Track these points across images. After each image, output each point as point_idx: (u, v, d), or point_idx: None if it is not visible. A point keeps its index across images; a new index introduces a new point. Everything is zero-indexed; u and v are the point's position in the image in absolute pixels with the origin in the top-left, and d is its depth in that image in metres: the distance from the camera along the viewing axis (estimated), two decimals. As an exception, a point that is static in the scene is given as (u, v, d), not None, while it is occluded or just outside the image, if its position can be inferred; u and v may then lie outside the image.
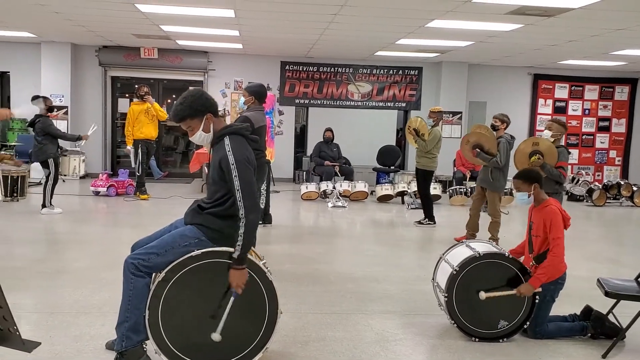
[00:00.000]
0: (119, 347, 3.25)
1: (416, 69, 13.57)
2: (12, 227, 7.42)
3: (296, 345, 3.88)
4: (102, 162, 12.93)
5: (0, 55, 12.56)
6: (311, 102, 13.54)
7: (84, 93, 12.84)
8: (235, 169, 3.15)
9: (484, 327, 4.06)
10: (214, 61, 13.03)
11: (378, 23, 8.64)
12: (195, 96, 3.30)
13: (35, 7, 8.28)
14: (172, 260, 3.21)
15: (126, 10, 8.16)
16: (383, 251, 6.98)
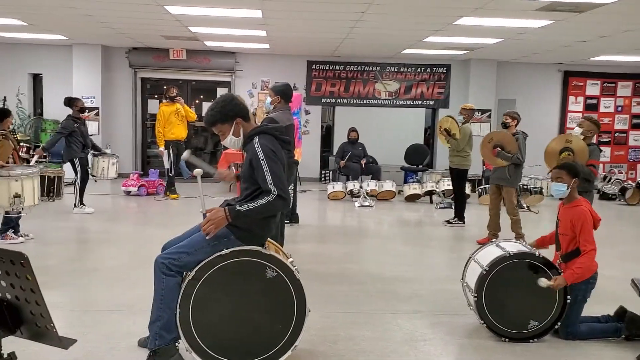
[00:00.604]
0: (152, 345, 3.30)
1: (444, 67, 13.46)
2: (46, 226, 7.58)
3: (325, 344, 3.89)
4: (133, 162, 13.14)
5: (34, 57, 12.83)
6: (338, 102, 13.53)
7: (115, 94, 13.04)
8: (265, 164, 3.23)
9: (514, 327, 4.01)
10: (241, 62, 13.11)
11: (405, 21, 8.60)
12: (225, 101, 3.40)
13: (67, 10, 8.44)
14: (202, 259, 3.25)
15: (155, 12, 8.26)
16: (411, 251, 6.95)
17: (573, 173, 4.16)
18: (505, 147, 6.99)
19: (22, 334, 2.18)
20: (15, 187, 5.23)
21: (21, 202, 5.29)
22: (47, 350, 3.34)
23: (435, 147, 13.88)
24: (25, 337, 2.19)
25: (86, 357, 3.54)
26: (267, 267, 3.28)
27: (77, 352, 3.47)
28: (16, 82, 12.72)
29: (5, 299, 2.11)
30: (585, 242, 3.96)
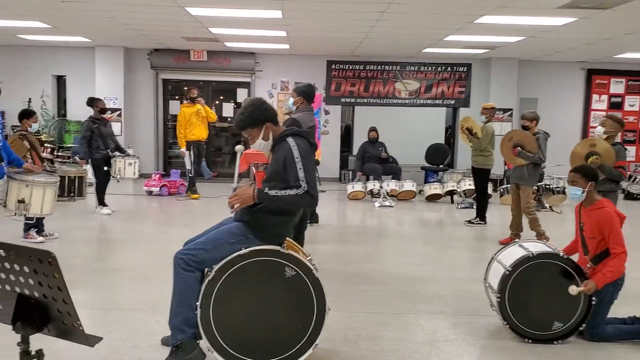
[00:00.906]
0: (174, 341, 3.34)
1: (465, 66, 13.37)
2: (70, 226, 7.68)
3: (346, 344, 3.89)
4: (155, 162, 13.26)
5: (57, 59, 13.02)
6: (357, 101, 13.52)
7: (137, 95, 13.18)
8: (300, 162, 3.28)
9: (538, 328, 3.97)
10: (261, 62, 13.15)
11: (426, 20, 8.56)
12: (255, 106, 3.45)
13: (90, 13, 8.55)
14: (220, 257, 3.28)
15: (177, 13, 8.33)
16: (432, 251, 6.91)
17: (588, 176, 4.09)
18: (526, 146, 6.92)
19: (50, 332, 2.21)
20: (24, 192, 5.26)
21: (26, 209, 5.30)
22: (73, 348, 3.39)
23: (456, 146, 13.80)
24: (53, 334, 2.22)
25: (110, 354, 3.59)
26: (286, 266, 3.29)
27: (102, 349, 3.52)
28: (41, 83, 12.92)
29: (33, 297, 2.14)
30: (615, 245, 3.90)
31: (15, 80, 12.67)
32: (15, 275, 2.12)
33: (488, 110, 8.27)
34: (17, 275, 2.11)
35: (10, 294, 2.18)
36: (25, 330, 2.19)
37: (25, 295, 2.15)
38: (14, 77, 12.70)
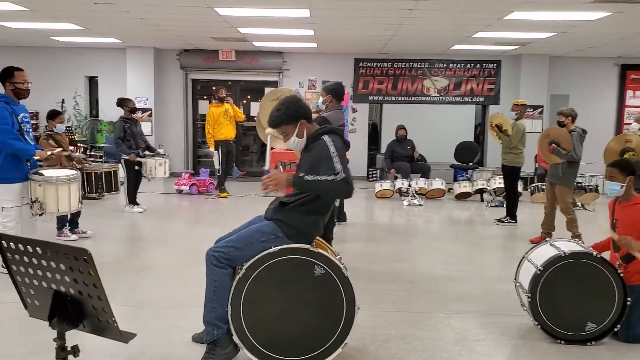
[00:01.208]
0: (210, 337, 3.38)
1: (494, 62, 13.21)
2: (102, 224, 7.82)
3: (375, 343, 3.89)
4: (185, 161, 13.42)
5: (90, 61, 13.26)
6: (385, 99, 13.46)
7: (167, 96, 13.34)
8: (337, 156, 3.29)
9: (570, 329, 3.91)
10: (289, 61, 13.19)
11: (455, 17, 8.48)
12: (291, 103, 3.47)
13: (122, 14, 8.68)
14: (250, 255, 3.31)
15: (206, 14, 8.40)
16: (462, 250, 6.86)
17: (627, 170, 4.02)
18: (562, 144, 6.81)
19: (85, 328, 2.26)
20: (38, 192, 5.34)
21: (41, 209, 5.36)
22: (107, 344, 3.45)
23: (486, 144, 13.65)
24: (88, 330, 2.26)
25: (143, 350, 3.64)
26: (315, 264, 3.30)
27: (135, 346, 3.57)
28: (73, 84, 13.16)
29: (69, 293, 2.18)
30: None
31: (49, 81, 12.93)
32: (52, 273, 2.17)
33: (519, 107, 8.16)
34: (54, 273, 2.16)
35: (47, 291, 2.23)
36: (61, 326, 2.24)
37: (61, 292, 2.20)
38: (48, 78, 12.96)
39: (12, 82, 5.17)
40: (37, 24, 9.83)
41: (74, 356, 2.28)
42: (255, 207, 9.29)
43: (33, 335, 3.78)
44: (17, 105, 5.25)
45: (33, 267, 2.20)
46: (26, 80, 5.24)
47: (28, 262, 2.20)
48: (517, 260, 4.42)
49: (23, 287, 2.32)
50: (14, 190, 5.16)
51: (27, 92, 5.28)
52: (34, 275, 2.23)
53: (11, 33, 10.82)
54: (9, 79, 5.17)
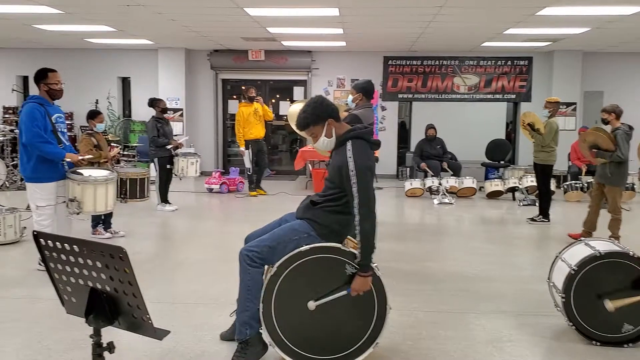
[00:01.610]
0: (242, 336, 3.40)
1: (526, 59, 13.02)
2: (135, 223, 7.94)
3: (406, 342, 3.87)
4: (215, 160, 13.56)
5: (123, 62, 13.48)
6: (415, 97, 13.37)
7: (197, 96, 13.49)
8: (355, 176, 3.24)
9: (606, 330, 3.83)
10: (317, 60, 13.21)
11: (485, 13, 8.38)
12: (317, 103, 3.45)
13: (154, 16, 8.81)
14: (283, 253, 3.32)
15: (236, 14, 8.47)
16: (494, 249, 6.77)
17: None
18: (601, 145, 6.66)
19: (120, 325, 2.30)
20: (76, 191, 5.44)
21: (79, 207, 5.46)
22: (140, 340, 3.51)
23: (518, 142, 13.46)
24: (123, 327, 2.31)
25: (175, 347, 3.69)
26: (346, 263, 3.29)
27: (168, 342, 3.63)
28: (107, 85, 13.40)
29: (104, 290, 2.23)
30: None
31: (83, 82, 13.19)
32: (88, 270, 2.21)
33: (552, 105, 8.02)
34: (90, 270, 2.21)
35: (84, 288, 2.28)
36: (98, 323, 2.28)
37: (97, 289, 2.25)
38: (82, 79, 13.21)
39: (46, 83, 5.28)
40: (72, 27, 10.03)
41: (109, 352, 2.33)
42: (285, 205, 9.36)
43: (70, 332, 3.87)
44: (51, 106, 5.34)
45: (70, 264, 2.25)
46: (59, 81, 5.34)
47: (65, 259, 2.25)
48: (551, 259, 4.35)
49: (60, 285, 2.38)
50: (47, 189, 5.27)
51: (60, 93, 5.38)
52: (71, 272, 2.28)
53: (47, 35, 11.06)
54: (43, 80, 5.28)
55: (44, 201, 5.26)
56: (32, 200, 5.31)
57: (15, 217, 6.64)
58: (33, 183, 5.26)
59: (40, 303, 4.58)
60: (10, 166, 10.94)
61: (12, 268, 5.73)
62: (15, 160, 11.17)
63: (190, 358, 3.57)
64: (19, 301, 4.65)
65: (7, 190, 10.47)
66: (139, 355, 3.57)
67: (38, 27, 10.04)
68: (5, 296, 4.76)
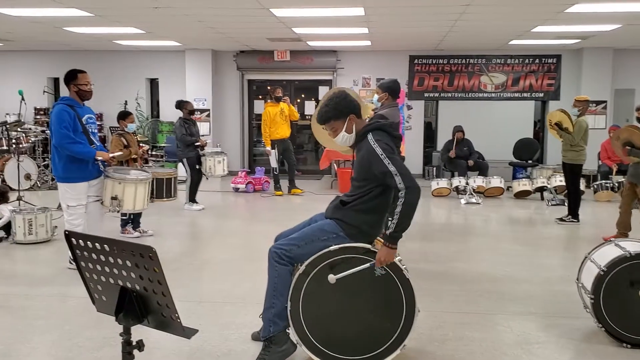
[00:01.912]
0: (267, 333, 3.42)
1: (554, 57, 12.83)
2: (162, 222, 8.04)
3: (433, 343, 3.85)
4: (241, 160, 13.65)
5: (151, 63, 13.66)
6: (441, 96, 13.29)
7: (224, 96, 13.60)
8: (386, 157, 3.23)
9: (637, 332, 3.76)
10: (343, 60, 13.20)
11: (513, 11, 8.28)
12: (339, 98, 3.44)
13: (181, 18, 8.90)
14: (311, 253, 3.32)
15: (262, 15, 8.51)
16: (522, 250, 6.70)
17: None
18: (636, 143, 6.53)
19: (149, 323, 2.33)
20: (117, 190, 5.54)
21: (119, 206, 5.57)
22: (168, 339, 3.55)
23: (546, 141, 13.28)
24: (152, 326, 2.34)
25: (203, 346, 3.73)
26: (375, 264, 3.29)
27: (195, 341, 3.67)
28: (135, 86, 13.60)
29: (134, 289, 2.26)
30: None
31: (112, 83, 13.40)
32: (118, 269, 2.25)
33: (581, 103, 7.90)
34: (120, 269, 2.24)
35: (114, 287, 2.32)
36: (127, 321, 2.32)
37: (127, 287, 2.28)
38: (111, 80, 13.42)
39: (76, 84, 5.36)
40: (102, 29, 10.19)
41: (138, 350, 2.36)
42: (309, 204, 9.40)
43: (100, 330, 3.94)
44: (81, 107, 5.42)
45: (101, 263, 2.29)
46: (89, 82, 5.42)
47: (96, 258, 2.29)
48: (579, 260, 4.29)
49: (91, 283, 2.42)
50: (78, 189, 5.36)
51: (89, 94, 5.46)
52: (101, 271, 2.32)
53: (77, 38, 11.26)
54: (73, 81, 5.37)
55: (74, 201, 5.35)
56: (63, 200, 5.42)
57: (46, 217, 6.78)
58: (64, 183, 5.36)
59: (71, 301, 4.67)
60: (41, 166, 11.17)
61: (43, 266, 5.85)
62: (47, 161, 11.41)
63: (217, 357, 3.61)
64: (50, 299, 4.74)
65: (38, 190, 10.69)
66: (167, 353, 3.62)
67: (68, 29, 10.22)
68: (37, 294, 4.86)
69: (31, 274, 5.59)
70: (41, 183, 10.98)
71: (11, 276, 5.52)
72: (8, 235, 6.77)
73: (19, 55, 13.78)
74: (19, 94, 9.64)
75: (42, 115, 13.18)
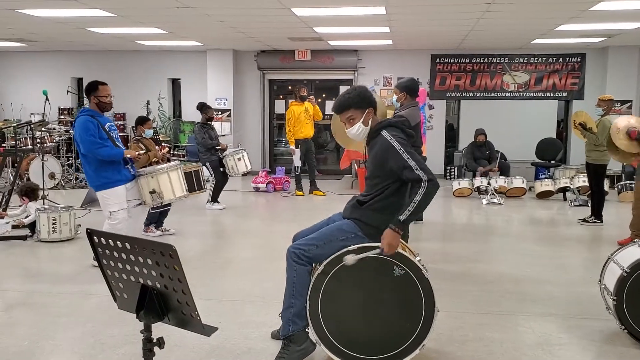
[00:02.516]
0: (286, 332, 3.44)
1: (578, 56, 12.66)
2: (184, 221, 8.11)
3: (453, 344, 3.83)
4: (261, 160, 13.70)
5: (173, 63, 13.78)
6: (463, 95, 13.19)
7: (245, 96, 13.67)
8: (405, 152, 3.26)
9: (662, 335, 3.70)
10: (364, 59, 13.18)
11: (536, 10, 8.19)
12: (362, 89, 3.50)
13: (203, 18, 8.97)
14: (329, 253, 3.33)
15: (283, 15, 8.54)
16: (544, 251, 6.62)
17: None
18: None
19: (169, 321, 2.36)
20: (152, 184, 5.62)
21: (160, 197, 5.65)
22: (188, 336, 3.59)
23: (569, 141, 13.11)
24: (172, 323, 2.36)
25: (223, 344, 3.76)
26: (394, 264, 3.28)
27: (215, 339, 3.70)
28: (157, 86, 13.73)
29: (155, 287, 2.29)
30: None
31: (135, 83, 13.56)
32: (139, 267, 2.28)
33: (605, 103, 7.78)
34: (141, 267, 2.28)
35: (135, 285, 2.35)
36: (148, 318, 2.35)
37: (148, 285, 2.31)
38: (133, 81, 13.59)
39: (97, 95, 5.46)
40: (125, 29, 10.31)
41: (159, 348, 2.39)
42: (330, 204, 9.40)
43: (122, 327, 4.00)
44: (101, 117, 5.54)
45: (122, 261, 2.33)
46: (109, 94, 5.52)
47: (117, 256, 2.33)
48: (602, 262, 4.23)
49: (113, 281, 2.46)
50: (117, 193, 5.43)
51: (109, 105, 5.57)
52: (123, 269, 2.35)
53: (100, 38, 11.41)
54: (94, 92, 5.46)
55: (116, 205, 5.42)
56: (104, 207, 5.48)
57: (70, 215, 6.88)
58: (102, 190, 5.42)
59: (93, 299, 4.74)
60: (65, 165, 11.34)
61: (67, 264, 5.94)
62: (71, 160, 11.59)
63: (237, 355, 3.63)
64: (73, 296, 4.82)
65: (62, 189, 10.85)
66: (187, 351, 3.65)
67: (92, 30, 10.36)
68: (60, 292, 4.94)
69: (55, 271, 5.69)
70: (65, 182, 11.15)
71: (35, 274, 5.62)
72: (33, 234, 6.90)
73: (42, 56, 14.00)
74: (43, 94, 9.81)
75: (65, 115, 13.39)
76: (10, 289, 5.10)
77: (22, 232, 6.96)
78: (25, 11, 8.44)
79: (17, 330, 4.04)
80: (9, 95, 14.21)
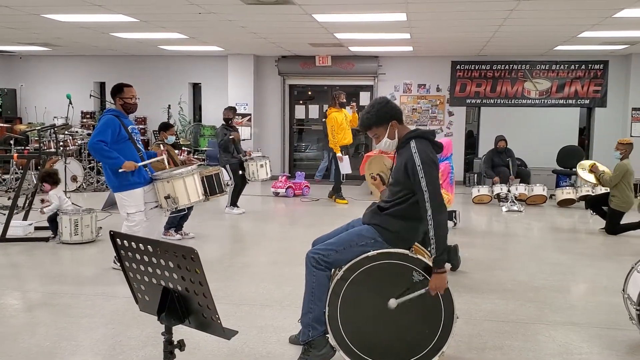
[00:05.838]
0: (305, 338, 3.45)
1: (601, 63, 12.52)
2: (204, 225, 8.16)
3: (472, 351, 3.81)
4: (281, 165, 13.75)
5: (194, 68, 13.90)
6: (483, 102, 13.12)
7: (266, 101, 13.74)
8: (422, 170, 3.24)
9: (687, 347, 3.65)
10: (384, 65, 13.17)
11: (558, 16, 8.13)
12: (381, 104, 3.48)
13: (224, 23, 9.05)
14: (349, 258, 3.34)
15: (304, 20, 8.58)
16: (565, 259, 6.55)
17: None
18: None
19: (190, 324, 2.38)
20: (167, 189, 5.65)
21: (175, 202, 5.67)
22: (209, 340, 3.62)
23: (591, 149, 12.95)
24: (193, 326, 2.39)
25: (242, 347, 3.78)
26: (413, 270, 3.27)
27: (234, 343, 3.71)
28: (178, 91, 13.85)
29: (176, 290, 2.32)
30: None
31: (156, 88, 13.69)
32: (161, 270, 2.31)
33: (624, 146, 7.73)
34: (163, 270, 2.30)
35: (156, 287, 2.38)
36: (169, 321, 2.37)
37: (169, 288, 2.34)
38: (155, 85, 13.72)
39: (122, 97, 5.56)
40: (147, 34, 10.43)
41: (179, 350, 2.41)
42: (350, 210, 9.40)
43: (143, 329, 4.04)
44: (126, 118, 5.63)
45: (144, 264, 2.35)
46: (134, 96, 5.62)
47: (140, 259, 2.36)
48: (624, 271, 4.19)
49: (135, 283, 2.49)
50: (135, 195, 5.50)
51: (134, 107, 5.67)
52: (145, 272, 2.38)
53: (122, 43, 11.55)
54: (119, 94, 5.56)
55: (133, 207, 5.49)
56: (122, 209, 5.56)
57: (91, 217, 6.97)
58: (121, 192, 5.49)
59: (115, 300, 4.79)
60: (87, 168, 11.48)
61: (88, 266, 6.02)
62: (92, 163, 11.73)
63: (256, 359, 3.64)
64: (95, 298, 4.87)
65: (84, 192, 10.99)
66: (206, 354, 3.67)
67: (115, 35, 10.50)
68: (82, 293, 5.00)
69: (76, 273, 5.76)
70: (87, 185, 11.29)
71: (57, 275, 5.69)
72: (55, 235, 7.00)
73: (66, 60, 14.22)
74: (67, 98, 9.95)
75: (88, 118, 13.57)
76: (32, 290, 5.18)
77: (45, 234, 7.07)
78: (50, 16, 8.59)
79: (39, 331, 4.10)
80: (33, 99, 14.44)
